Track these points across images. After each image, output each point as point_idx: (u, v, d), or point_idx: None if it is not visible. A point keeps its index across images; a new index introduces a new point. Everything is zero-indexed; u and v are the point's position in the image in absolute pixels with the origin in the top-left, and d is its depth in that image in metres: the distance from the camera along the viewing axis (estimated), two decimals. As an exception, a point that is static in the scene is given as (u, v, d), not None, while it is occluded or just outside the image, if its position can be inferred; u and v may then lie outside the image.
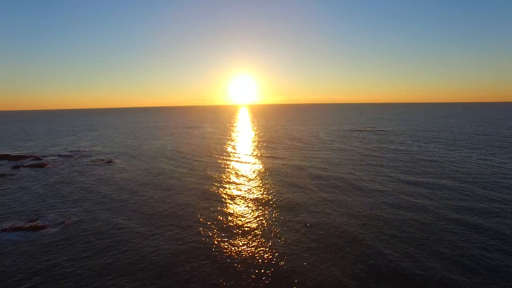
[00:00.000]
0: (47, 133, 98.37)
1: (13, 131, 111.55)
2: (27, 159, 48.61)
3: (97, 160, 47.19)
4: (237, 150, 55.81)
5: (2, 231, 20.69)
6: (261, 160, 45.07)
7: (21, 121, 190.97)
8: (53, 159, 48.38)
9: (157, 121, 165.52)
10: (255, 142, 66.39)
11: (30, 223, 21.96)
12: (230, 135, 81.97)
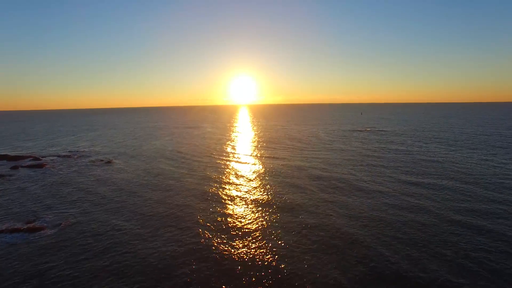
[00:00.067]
0: (46, 133, 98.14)
1: (12, 131, 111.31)
2: (26, 160, 48.39)
3: (96, 160, 46.96)
4: (236, 150, 55.58)
5: (-1, 232, 20.46)
6: (261, 160, 44.84)
7: (21, 121, 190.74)
8: (52, 160, 48.17)
9: (157, 121, 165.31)
10: (255, 142, 66.16)
11: (27, 225, 21.73)
12: (230, 135, 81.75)
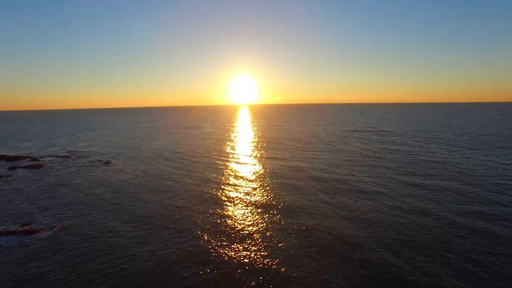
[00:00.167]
0: (45, 133, 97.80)
1: (12, 131, 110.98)
2: (24, 160, 48.06)
3: (95, 161, 46.63)
4: (236, 151, 55.22)
5: (-6, 235, 20.11)
6: (261, 161, 44.49)
7: (20, 121, 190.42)
8: (50, 160, 47.83)
9: (156, 121, 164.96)
10: (255, 142, 65.80)
11: (23, 227, 21.37)
12: (229, 136, 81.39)
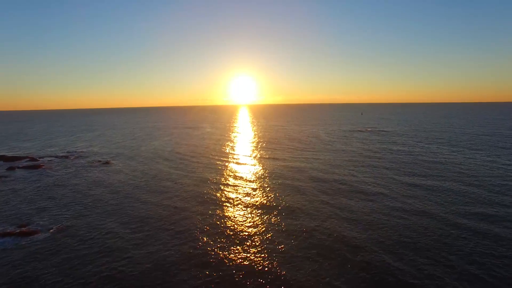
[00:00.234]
0: (45, 133, 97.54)
1: (11, 131, 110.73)
2: (22, 160, 47.80)
3: (94, 161, 46.38)
4: (236, 151, 54.96)
5: (-10, 237, 19.85)
6: (261, 161, 44.23)
7: (20, 121, 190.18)
8: (49, 160, 47.58)
9: (156, 121, 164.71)
10: (255, 143, 65.54)
11: (20, 229, 21.10)
12: (229, 136, 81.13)
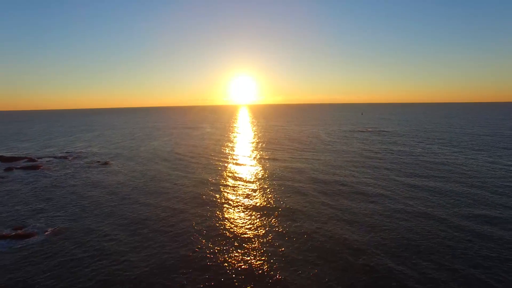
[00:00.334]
0: (44, 133, 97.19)
1: (11, 131, 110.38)
2: (21, 161, 47.44)
3: (93, 161, 46.04)
4: (235, 152, 54.61)
5: (-15, 239, 19.50)
6: (261, 162, 43.89)
7: (20, 121, 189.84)
8: (48, 161, 47.23)
9: (156, 121, 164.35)
10: (255, 143, 65.20)
11: (15, 231, 20.76)
12: (229, 136, 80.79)
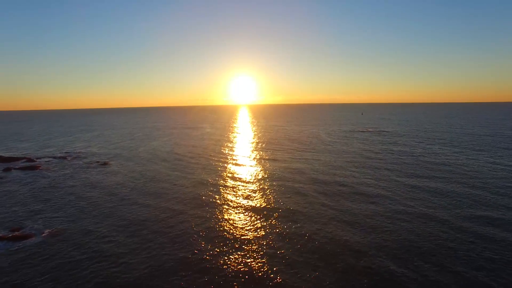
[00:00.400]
0: (44, 133, 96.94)
1: (11, 131, 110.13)
2: (19, 161, 47.19)
3: (92, 162, 45.79)
4: (235, 152, 54.36)
5: (-19, 241, 19.25)
6: (260, 163, 43.64)
7: (20, 121, 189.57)
8: (46, 161, 46.99)
9: (156, 121, 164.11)
10: (254, 143, 64.96)
11: (12, 233, 20.52)
12: (229, 136, 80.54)
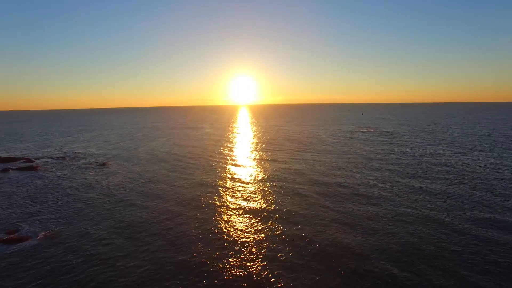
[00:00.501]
0: (43, 133, 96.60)
1: (10, 131, 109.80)
2: (17, 162, 46.87)
3: (91, 162, 45.45)
4: (235, 152, 54.02)
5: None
6: (260, 163, 43.30)
7: (20, 121, 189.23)
8: (45, 162, 46.64)
9: (155, 121, 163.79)
10: (254, 144, 64.62)
11: (8, 235, 20.16)
12: (228, 137, 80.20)
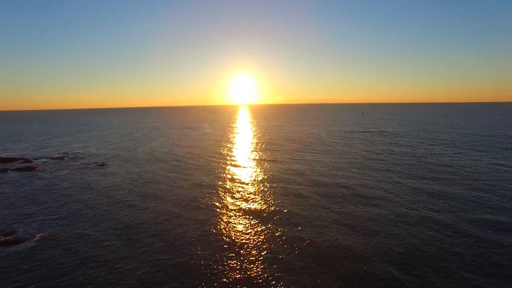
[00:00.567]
0: (42, 133, 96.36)
1: (9, 131, 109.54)
2: (16, 162, 46.63)
3: (90, 163, 45.20)
4: (235, 153, 53.79)
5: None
6: (260, 164, 43.05)
7: (20, 121, 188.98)
8: (44, 162, 46.41)
9: (155, 121, 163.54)
10: (254, 144, 64.38)
11: (4, 237, 19.92)
12: (228, 137, 79.95)
